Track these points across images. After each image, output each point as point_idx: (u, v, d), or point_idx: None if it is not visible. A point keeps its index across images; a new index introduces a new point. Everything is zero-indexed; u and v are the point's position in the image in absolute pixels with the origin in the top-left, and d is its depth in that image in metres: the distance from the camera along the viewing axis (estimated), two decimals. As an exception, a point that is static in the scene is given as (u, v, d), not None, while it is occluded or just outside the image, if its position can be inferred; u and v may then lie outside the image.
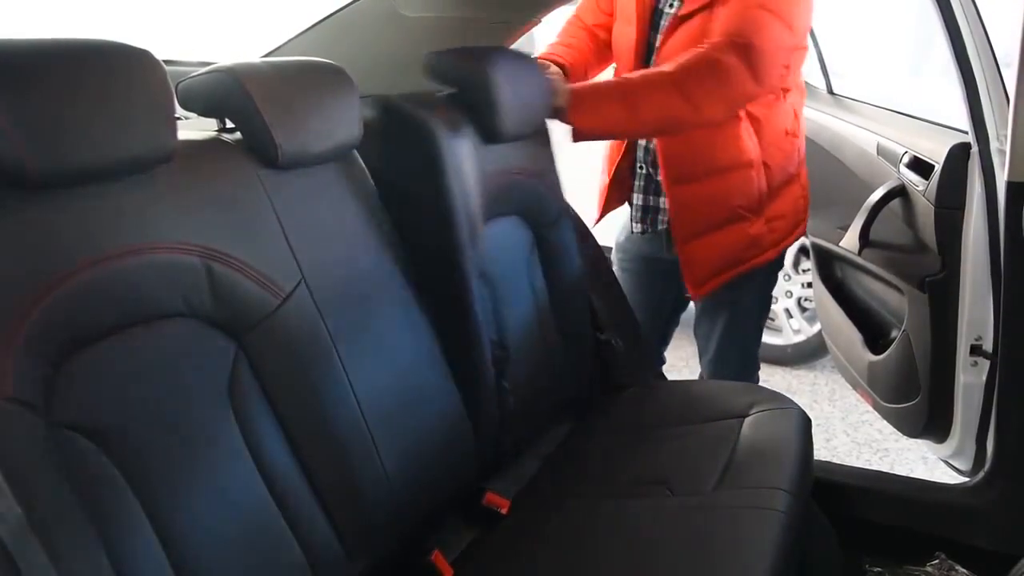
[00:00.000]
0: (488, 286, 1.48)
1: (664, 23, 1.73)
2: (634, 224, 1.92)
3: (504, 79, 1.46)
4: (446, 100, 1.49)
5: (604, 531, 1.27)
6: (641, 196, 1.89)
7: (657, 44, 1.74)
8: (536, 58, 1.82)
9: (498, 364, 1.45)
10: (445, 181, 1.37)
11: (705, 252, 1.82)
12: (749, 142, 1.74)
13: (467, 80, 1.48)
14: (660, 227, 1.87)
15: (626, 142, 1.88)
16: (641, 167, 1.87)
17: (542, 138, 1.70)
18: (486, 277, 1.47)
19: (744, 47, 1.57)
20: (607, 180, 1.94)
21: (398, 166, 1.40)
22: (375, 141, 1.34)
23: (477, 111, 1.47)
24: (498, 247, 1.53)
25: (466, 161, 1.41)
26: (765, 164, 1.77)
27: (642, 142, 1.85)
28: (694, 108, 1.59)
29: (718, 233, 1.80)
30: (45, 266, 0.87)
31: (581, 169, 2.10)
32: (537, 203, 1.66)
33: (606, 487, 1.42)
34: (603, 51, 1.94)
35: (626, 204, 1.97)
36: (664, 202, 1.83)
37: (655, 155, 1.81)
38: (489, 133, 1.48)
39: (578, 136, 1.66)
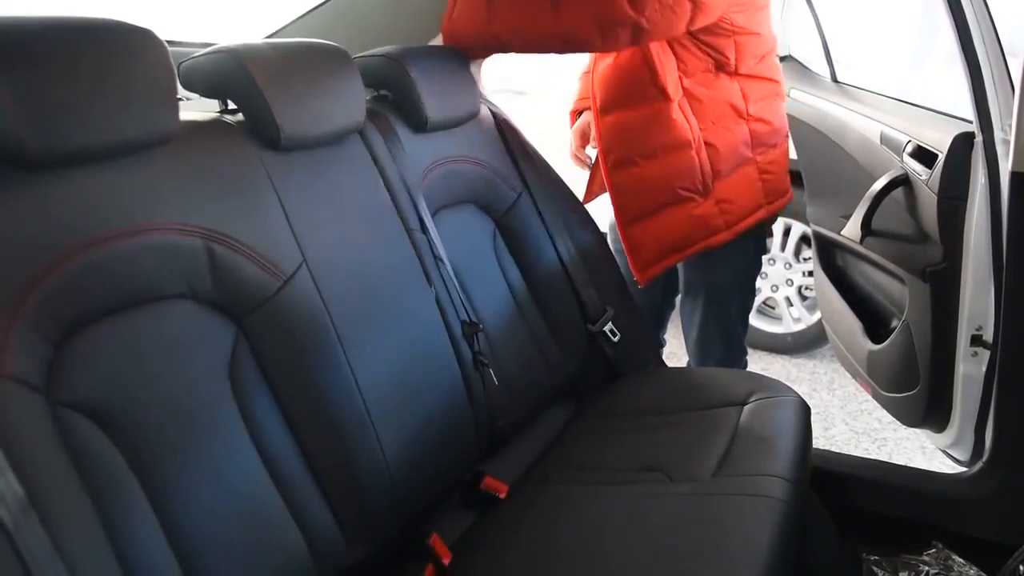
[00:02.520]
0: (455, 270, 1.50)
1: None
2: None
3: (422, 72, 1.52)
4: (373, 101, 1.54)
5: (602, 517, 1.27)
6: None
7: None
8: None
9: (469, 338, 1.46)
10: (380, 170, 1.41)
11: (649, 235, 1.83)
12: (685, 122, 1.75)
13: (387, 79, 1.53)
14: None
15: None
16: None
17: (483, 127, 1.72)
18: (449, 261, 1.49)
19: None
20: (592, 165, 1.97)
21: None
22: None
23: (402, 106, 1.53)
24: (456, 233, 1.57)
25: (397, 152, 1.46)
26: (708, 144, 1.77)
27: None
28: (557, 17, 1.58)
29: (661, 215, 1.81)
30: (45, 246, 0.87)
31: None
32: (487, 190, 1.68)
33: (604, 473, 1.42)
34: None
35: None
36: None
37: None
38: (417, 124, 1.53)
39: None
